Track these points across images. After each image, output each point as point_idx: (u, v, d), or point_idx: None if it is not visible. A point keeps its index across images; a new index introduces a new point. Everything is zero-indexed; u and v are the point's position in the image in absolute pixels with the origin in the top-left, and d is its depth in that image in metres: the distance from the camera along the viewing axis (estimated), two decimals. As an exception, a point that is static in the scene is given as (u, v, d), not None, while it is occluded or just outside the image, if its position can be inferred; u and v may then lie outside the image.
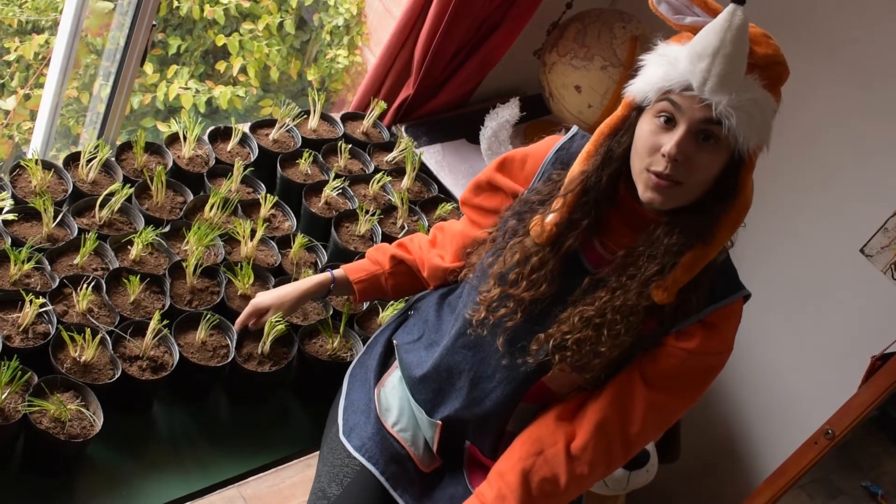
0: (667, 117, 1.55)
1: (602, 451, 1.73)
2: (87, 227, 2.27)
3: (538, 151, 1.80)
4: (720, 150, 1.55)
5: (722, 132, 1.52)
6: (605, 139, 1.66)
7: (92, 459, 2.01)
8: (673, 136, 1.54)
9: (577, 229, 1.67)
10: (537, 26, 3.12)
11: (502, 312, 1.73)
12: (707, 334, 1.68)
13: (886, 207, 2.76)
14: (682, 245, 1.61)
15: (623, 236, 1.68)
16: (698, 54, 1.50)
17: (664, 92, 1.55)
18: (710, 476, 3.30)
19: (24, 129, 3.20)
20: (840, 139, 2.87)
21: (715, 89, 1.50)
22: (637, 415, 1.72)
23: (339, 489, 1.92)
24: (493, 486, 1.77)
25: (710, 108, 1.51)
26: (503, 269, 1.73)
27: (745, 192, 1.62)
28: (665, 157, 1.53)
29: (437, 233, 2.04)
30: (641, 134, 1.59)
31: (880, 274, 2.80)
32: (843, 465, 2.84)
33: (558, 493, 1.75)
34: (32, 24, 3.27)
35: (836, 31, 2.84)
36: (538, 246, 1.70)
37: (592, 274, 1.69)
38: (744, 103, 1.51)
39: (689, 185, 1.57)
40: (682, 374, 1.71)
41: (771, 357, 3.10)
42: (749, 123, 1.52)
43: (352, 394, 2.02)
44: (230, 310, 2.25)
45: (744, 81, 1.51)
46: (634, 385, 1.72)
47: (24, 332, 2.01)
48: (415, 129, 3.04)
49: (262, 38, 3.50)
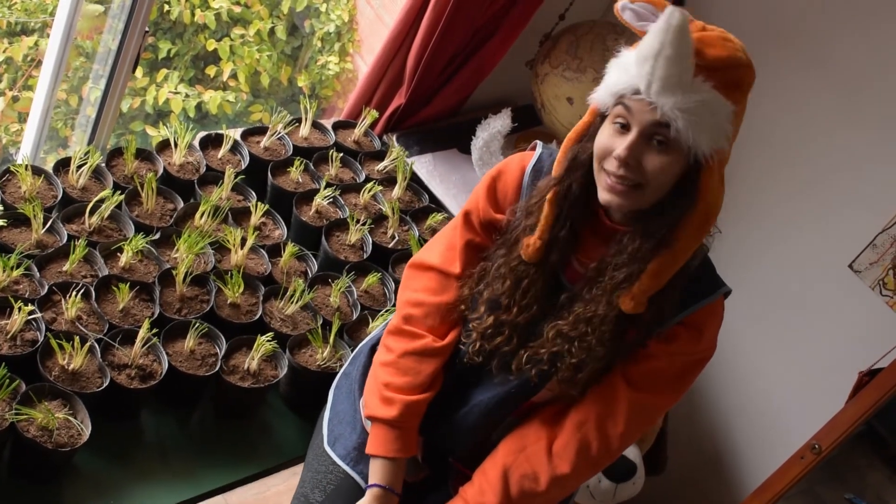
0: (622, 123, 1.56)
1: (583, 450, 1.72)
2: (77, 234, 2.26)
3: (511, 175, 1.78)
4: (673, 153, 1.55)
5: (671, 135, 1.52)
6: (573, 145, 1.67)
7: (80, 468, 2.00)
8: (625, 139, 1.55)
9: (558, 243, 1.68)
10: (530, 37, 3.12)
11: (499, 341, 1.73)
12: (690, 335, 1.68)
13: (875, 223, 2.77)
14: (647, 251, 1.61)
15: (595, 250, 1.69)
16: (643, 57, 1.50)
17: (619, 97, 1.56)
18: (696, 489, 3.30)
19: (12, 130, 3.18)
20: (829, 154, 2.88)
21: (659, 92, 1.50)
22: (620, 415, 1.71)
23: (321, 496, 1.91)
24: (474, 483, 1.78)
25: (656, 111, 1.51)
26: (493, 296, 1.73)
27: (707, 196, 1.60)
28: (616, 158, 1.54)
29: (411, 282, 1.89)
30: (600, 138, 1.59)
31: (868, 290, 2.81)
32: (827, 477, 2.85)
33: (538, 491, 1.74)
34: (22, 25, 3.25)
35: (826, 44, 2.85)
36: (527, 265, 1.70)
37: (570, 290, 1.70)
38: (691, 105, 1.50)
39: (646, 188, 1.57)
40: (666, 374, 1.71)
41: (759, 371, 3.11)
42: (698, 126, 1.51)
43: (337, 405, 2.00)
44: (219, 318, 2.24)
45: (691, 84, 1.50)
46: (617, 386, 1.71)
47: (11, 339, 1.99)
48: (406, 138, 3.04)
49: (253, 44, 3.49)
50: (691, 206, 1.60)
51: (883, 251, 2.76)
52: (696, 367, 1.74)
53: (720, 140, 1.55)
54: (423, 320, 1.81)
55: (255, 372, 2.19)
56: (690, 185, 1.59)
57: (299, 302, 2.33)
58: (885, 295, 2.79)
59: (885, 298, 2.79)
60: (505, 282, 1.71)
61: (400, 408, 1.77)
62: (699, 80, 1.51)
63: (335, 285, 2.40)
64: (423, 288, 1.83)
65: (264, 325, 2.29)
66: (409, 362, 1.79)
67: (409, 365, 1.79)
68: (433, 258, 1.84)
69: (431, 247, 1.88)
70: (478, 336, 1.75)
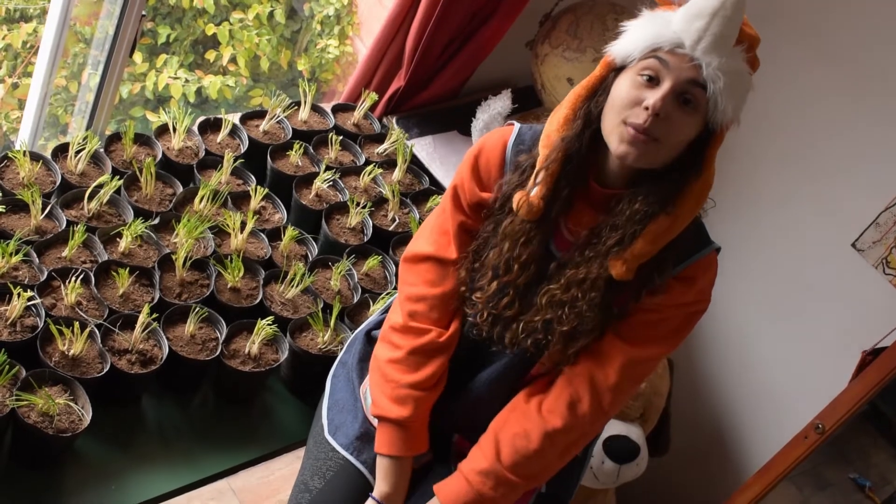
0: (650, 76, 1.56)
1: (574, 404, 1.71)
2: (76, 220, 2.25)
3: (493, 151, 1.77)
4: (697, 116, 1.56)
5: (703, 97, 1.54)
6: (583, 101, 1.66)
7: (81, 453, 2.00)
8: (657, 91, 1.54)
9: (559, 200, 1.67)
10: (529, 17, 3.10)
11: (504, 302, 1.72)
12: (683, 287, 1.68)
13: (878, 202, 2.76)
14: (645, 214, 1.61)
15: (586, 217, 1.68)
16: (696, 14, 1.52)
17: (653, 50, 1.56)
18: (699, 470, 3.30)
19: (12, 118, 3.18)
20: (832, 134, 2.86)
21: (708, 49, 1.52)
22: (610, 368, 1.70)
23: (321, 482, 1.91)
24: (468, 455, 1.78)
25: (698, 69, 1.53)
26: (495, 262, 1.72)
27: (711, 167, 1.63)
28: (648, 109, 1.54)
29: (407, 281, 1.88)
30: (620, 90, 1.58)
31: (872, 269, 2.80)
32: (831, 457, 2.85)
33: (530, 449, 1.72)
34: (20, 12, 3.25)
35: (828, 29, 2.83)
36: (526, 224, 1.69)
37: (558, 258, 1.70)
38: (731, 70, 1.53)
39: (664, 145, 1.57)
40: (657, 327, 1.70)
41: (761, 351, 3.10)
42: (731, 92, 1.54)
43: (335, 394, 2.00)
44: (220, 303, 2.24)
45: (733, 50, 1.54)
46: (608, 340, 1.71)
47: (11, 325, 1.99)
48: (406, 120, 3.02)
49: (253, 28, 3.48)
50: (696, 175, 1.61)
51: (886, 230, 2.75)
52: (689, 320, 1.72)
53: (739, 112, 1.58)
54: (427, 314, 1.80)
55: (255, 356, 2.18)
56: (698, 154, 1.60)
57: (300, 286, 2.32)
58: (888, 274, 2.78)
59: (888, 277, 2.78)
60: (504, 244, 1.71)
61: (412, 407, 1.77)
62: (738, 50, 1.55)
63: (335, 268, 2.40)
64: (423, 281, 1.82)
65: (265, 309, 2.28)
66: (419, 358, 1.79)
67: (417, 361, 1.78)
68: (427, 247, 1.83)
69: (422, 236, 1.86)
70: (483, 304, 1.74)
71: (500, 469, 1.73)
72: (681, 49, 1.53)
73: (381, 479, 1.80)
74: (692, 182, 1.61)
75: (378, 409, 1.80)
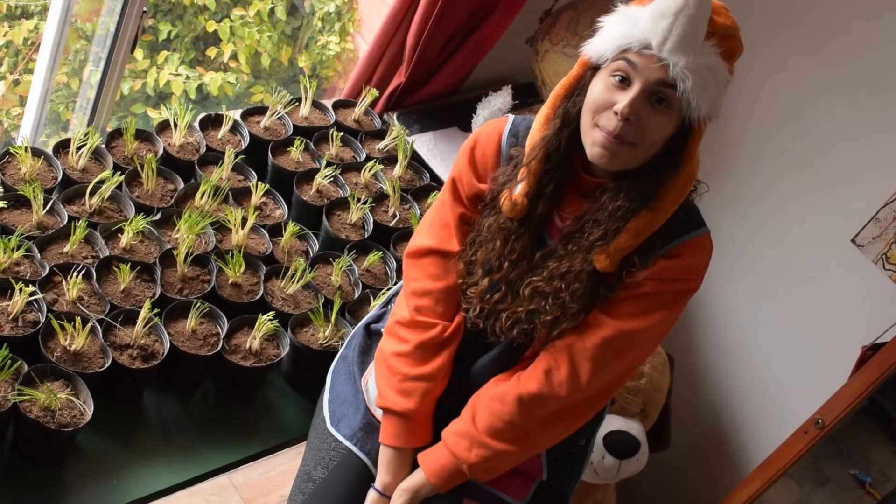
0: (622, 76, 1.55)
1: (551, 370, 1.70)
2: (77, 215, 2.26)
3: (489, 142, 1.78)
4: (671, 114, 1.56)
5: (675, 95, 1.53)
6: (562, 101, 1.66)
7: (82, 448, 2.01)
8: (627, 94, 1.54)
9: (543, 197, 1.68)
10: (530, 14, 3.10)
11: (497, 297, 1.73)
12: (670, 263, 1.67)
13: (878, 198, 2.76)
14: (627, 210, 1.61)
15: (576, 205, 1.69)
16: (661, 13, 1.51)
17: (622, 50, 1.55)
18: (700, 465, 3.31)
19: (14, 114, 3.18)
20: (832, 129, 2.86)
21: (674, 49, 1.51)
22: (589, 338, 1.68)
23: (324, 472, 1.92)
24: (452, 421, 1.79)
25: (666, 69, 1.52)
26: (486, 258, 1.73)
27: (692, 161, 1.63)
28: (617, 115, 1.54)
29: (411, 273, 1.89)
30: (594, 91, 1.58)
31: (871, 264, 2.80)
32: (831, 453, 2.85)
33: (504, 412, 1.71)
34: (22, 8, 3.25)
35: (828, 20, 2.83)
36: (513, 221, 1.69)
37: (549, 245, 1.71)
38: (700, 68, 1.52)
39: (639, 147, 1.57)
40: (641, 301, 1.68)
41: (762, 346, 3.10)
42: (703, 89, 1.53)
43: (336, 387, 2.01)
44: (221, 298, 2.25)
45: (702, 46, 1.52)
46: (594, 314, 1.70)
47: (13, 320, 2.00)
48: (407, 116, 3.03)
49: (254, 24, 3.48)
50: (676, 170, 1.61)
51: (886, 225, 2.75)
52: (676, 300, 1.70)
53: (716, 106, 1.57)
54: (433, 308, 1.81)
55: (256, 351, 2.19)
56: (678, 149, 1.60)
57: (300, 281, 2.33)
58: (888, 269, 2.78)
59: (888, 273, 2.78)
60: (495, 242, 1.72)
61: (417, 400, 1.78)
62: (708, 45, 1.53)
63: (336, 264, 2.40)
64: (427, 275, 1.83)
65: (266, 304, 2.29)
66: (426, 352, 1.80)
67: (425, 355, 1.80)
68: (429, 241, 1.84)
69: (423, 230, 1.87)
70: (477, 300, 1.75)
71: (474, 431, 1.73)
72: (648, 50, 1.53)
73: (384, 469, 1.81)
74: (673, 177, 1.62)
75: (384, 402, 1.81)
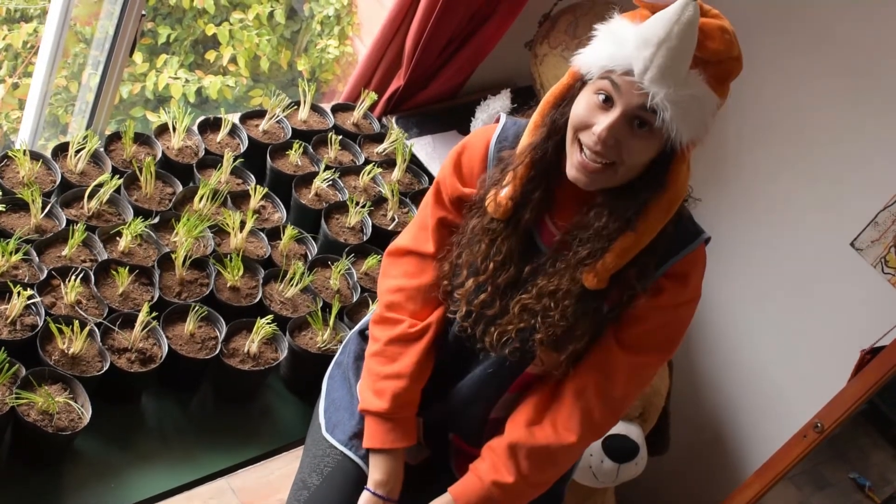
0: (605, 96, 1.54)
1: (587, 418, 1.72)
2: (76, 219, 2.26)
3: (476, 148, 1.77)
4: (653, 139, 1.54)
5: (655, 122, 1.51)
6: (551, 109, 1.65)
7: (80, 452, 2.01)
8: (607, 117, 1.53)
9: (530, 203, 1.67)
10: (528, 18, 3.10)
11: (483, 298, 1.72)
12: (675, 286, 1.67)
13: (876, 201, 2.76)
14: (612, 231, 1.61)
15: (570, 209, 1.68)
16: (645, 41, 1.48)
17: (607, 71, 1.53)
18: (698, 469, 3.30)
19: (13, 118, 3.18)
20: (830, 133, 2.86)
21: (654, 80, 1.48)
22: (618, 379, 1.71)
23: (319, 479, 1.92)
24: (485, 459, 1.77)
25: (646, 96, 1.50)
26: (471, 259, 1.73)
27: (676, 183, 1.61)
28: (596, 136, 1.53)
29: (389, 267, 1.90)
30: (578, 107, 1.57)
31: (870, 268, 2.80)
32: (831, 456, 2.85)
33: (549, 463, 1.76)
34: (21, 12, 3.25)
35: (827, 24, 2.83)
36: (497, 222, 1.69)
37: (544, 253, 1.70)
38: (682, 98, 1.49)
39: (620, 167, 1.56)
40: (659, 332, 1.71)
41: (761, 350, 3.10)
42: (684, 118, 1.51)
43: (332, 393, 2.00)
44: (219, 301, 2.25)
45: (686, 76, 1.49)
46: (611, 350, 1.71)
47: (11, 324, 2.00)
48: (405, 120, 3.03)
49: (253, 28, 3.48)
50: (660, 191, 1.60)
51: (884, 229, 2.75)
52: (686, 317, 1.73)
53: (700, 132, 1.55)
54: (404, 305, 1.82)
55: (255, 355, 2.19)
56: (661, 171, 1.59)
57: (299, 285, 2.33)
58: (886, 273, 2.78)
59: (886, 276, 2.78)
60: (480, 244, 1.71)
61: (390, 399, 1.78)
62: (694, 73, 1.50)
63: (335, 268, 2.40)
64: (402, 273, 1.84)
65: (264, 308, 2.29)
66: (395, 348, 1.80)
67: (395, 351, 1.80)
68: (407, 242, 1.85)
69: (406, 231, 1.88)
70: (464, 302, 1.75)
71: (524, 486, 1.76)
72: (630, 76, 1.50)
73: (374, 469, 1.81)
74: (657, 199, 1.60)
75: (363, 403, 1.83)
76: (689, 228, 1.69)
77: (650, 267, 1.65)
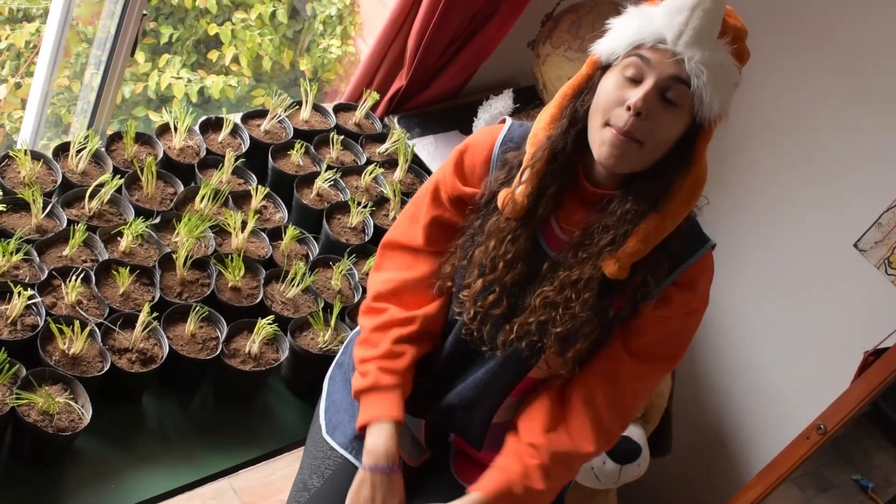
0: (633, 75, 1.54)
1: (600, 426, 1.73)
2: (77, 219, 2.25)
3: (480, 148, 1.76)
4: (682, 113, 1.55)
5: (687, 93, 1.53)
6: (570, 100, 1.64)
7: (81, 452, 2.00)
8: (639, 90, 1.53)
9: (544, 198, 1.66)
10: (531, 17, 3.10)
11: (491, 300, 1.71)
12: (682, 294, 1.68)
13: (880, 202, 2.75)
14: (636, 213, 1.60)
15: (577, 215, 1.67)
16: (677, 8, 1.50)
17: (635, 47, 1.54)
18: (701, 470, 3.30)
19: (15, 117, 3.18)
20: (834, 134, 2.86)
21: (690, 43, 1.50)
22: (628, 387, 1.73)
23: (319, 481, 1.91)
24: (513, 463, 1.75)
25: (680, 64, 1.51)
26: (481, 259, 1.72)
27: (701, 163, 1.61)
28: (629, 109, 1.52)
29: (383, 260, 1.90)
30: (605, 89, 1.57)
31: (874, 269, 2.79)
32: (834, 458, 2.84)
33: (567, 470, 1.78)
34: (23, 12, 3.25)
35: (827, 24, 2.83)
36: (511, 222, 1.68)
37: (552, 258, 1.69)
38: (714, 64, 1.52)
39: (646, 147, 1.55)
40: (667, 341, 1.72)
41: (764, 351, 3.09)
42: (716, 85, 1.53)
43: (333, 394, 2.00)
44: (220, 302, 2.24)
45: (716, 42, 1.52)
46: (620, 359, 1.72)
47: (12, 324, 1.99)
48: (407, 120, 3.02)
49: (255, 28, 3.48)
50: (686, 171, 1.60)
51: (888, 230, 2.74)
52: (694, 325, 1.74)
53: (726, 105, 1.57)
54: (390, 296, 1.82)
55: (256, 355, 2.18)
56: (686, 150, 1.59)
57: (300, 285, 2.32)
58: (890, 274, 2.77)
59: (890, 277, 2.77)
60: (490, 243, 1.70)
61: (374, 373, 1.76)
62: (721, 42, 1.53)
63: (336, 268, 2.40)
64: (393, 266, 1.84)
65: (265, 308, 2.28)
66: (378, 335, 1.79)
67: (378, 337, 1.79)
68: (399, 235, 1.85)
69: (397, 224, 1.88)
70: (470, 303, 1.74)
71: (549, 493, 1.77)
72: (663, 45, 1.52)
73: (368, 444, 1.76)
74: (682, 178, 1.60)
75: (353, 390, 1.81)
76: (697, 235, 1.69)
77: (662, 265, 1.65)
